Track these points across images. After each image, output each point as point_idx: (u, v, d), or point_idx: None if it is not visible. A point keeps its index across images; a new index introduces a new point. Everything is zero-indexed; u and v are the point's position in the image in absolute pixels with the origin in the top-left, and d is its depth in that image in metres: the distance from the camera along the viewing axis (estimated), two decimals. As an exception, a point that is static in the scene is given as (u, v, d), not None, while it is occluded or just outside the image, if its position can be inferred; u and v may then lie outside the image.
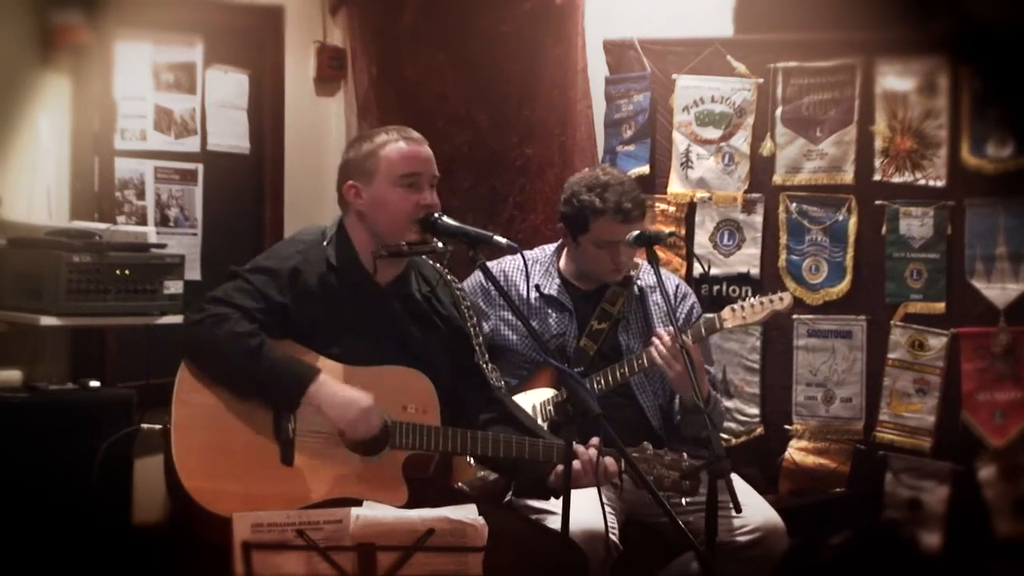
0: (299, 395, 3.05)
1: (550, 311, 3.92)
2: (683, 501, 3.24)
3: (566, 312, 3.92)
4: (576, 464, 3.09)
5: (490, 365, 3.41)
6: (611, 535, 3.42)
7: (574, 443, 3.04)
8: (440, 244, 3.20)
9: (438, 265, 3.40)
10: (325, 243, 3.24)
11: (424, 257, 3.34)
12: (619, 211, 3.80)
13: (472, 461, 3.41)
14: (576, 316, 3.91)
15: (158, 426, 3.17)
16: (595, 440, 3.12)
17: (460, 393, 3.30)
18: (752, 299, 3.81)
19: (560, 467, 3.11)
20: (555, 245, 4.05)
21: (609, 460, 3.14)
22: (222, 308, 3.08)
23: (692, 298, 4.00)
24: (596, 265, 3.90)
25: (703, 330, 3.78)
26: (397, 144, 3.24)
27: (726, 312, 3.78)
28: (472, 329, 3.38)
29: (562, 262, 4.00)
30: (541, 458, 3.19)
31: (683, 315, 3.94)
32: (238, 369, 3.04)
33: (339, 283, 3.21)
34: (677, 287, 4.01)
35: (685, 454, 3.26)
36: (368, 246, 3.24)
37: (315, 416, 3.08)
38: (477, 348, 3.37)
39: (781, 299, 3.81)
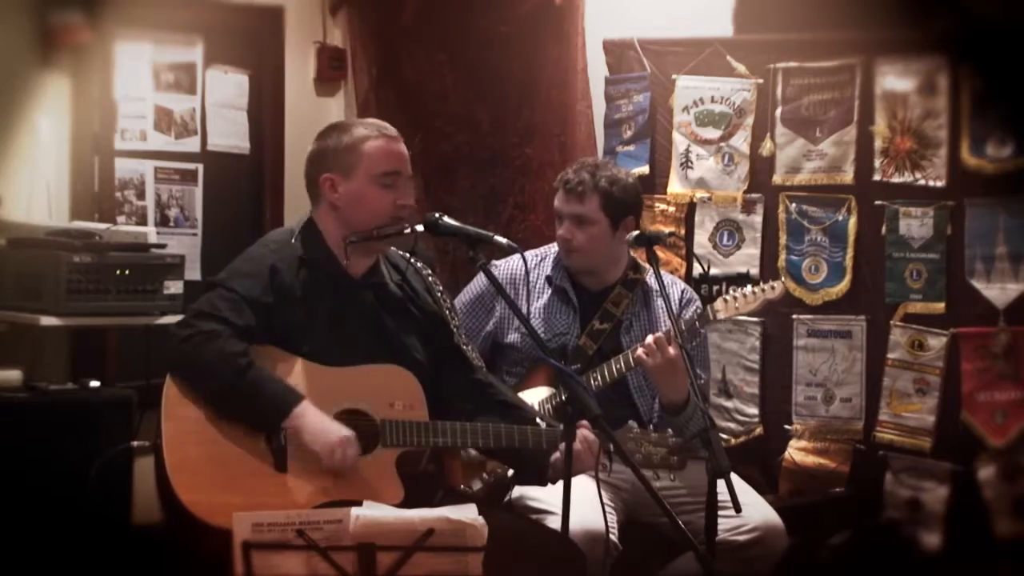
0: (278, 422, 3.02)
1: (559, 304, 3.92)
2: (671, 477, 3.21)
3: (570, 308, 3.92)
4: (577, 445, 3.07)
5: (471, 346, 3.39)
6: (611, 535, 3.42)
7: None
8: (408, 229, 3.18)
9: (407, 254, 3.36)
10: (293, 240, 3.22)
11: (394, 248, 3.32)
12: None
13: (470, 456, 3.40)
14: (579, 314, 3.92)
15: (147, 443, 3.15)
16: (583, 422, 3.08)
17: (443, 379, 3.27)
18: (744, 289, 3.77)
19: (557, 453, 3.10)
20: None
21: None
22: (212, 324, 3.03)
23: (696, 304, 3.98)
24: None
25: (697, 322, 3.77)
26: (377, 141, 3.20)
27: (719, 303, 3.74)
28: (448, 313, 3.36)
29: None
30: (531, 445, 3.17)
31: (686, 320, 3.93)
32: (223, 390, 3.00)
33: (312, 278, 3.18)
34: (682, 292, 4.00)
35: (670, 430, 3.25)
36: (340, 238, 3.21)
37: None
38: (455, 330, 3.35)
39: (773, 287, 3.78)
